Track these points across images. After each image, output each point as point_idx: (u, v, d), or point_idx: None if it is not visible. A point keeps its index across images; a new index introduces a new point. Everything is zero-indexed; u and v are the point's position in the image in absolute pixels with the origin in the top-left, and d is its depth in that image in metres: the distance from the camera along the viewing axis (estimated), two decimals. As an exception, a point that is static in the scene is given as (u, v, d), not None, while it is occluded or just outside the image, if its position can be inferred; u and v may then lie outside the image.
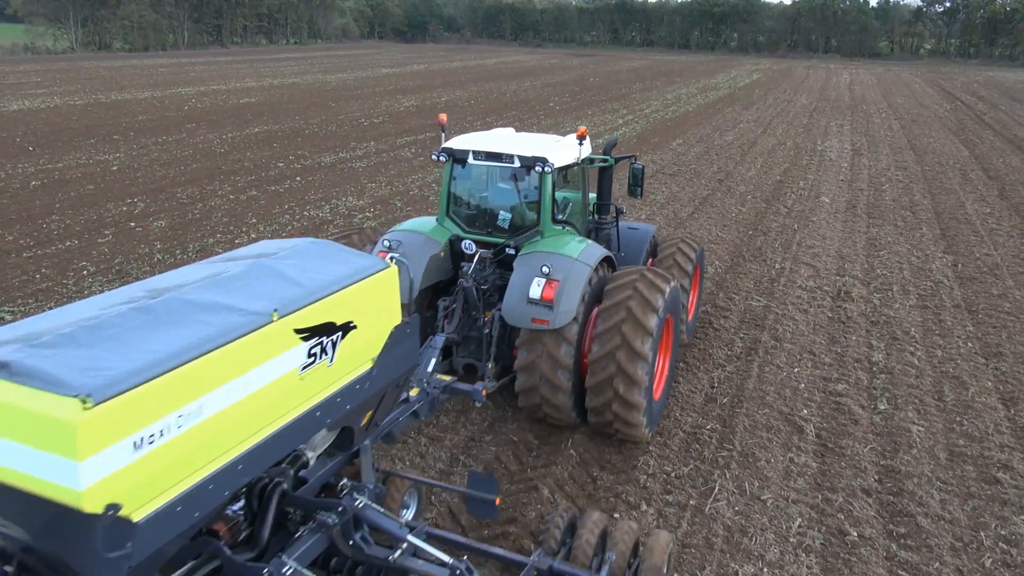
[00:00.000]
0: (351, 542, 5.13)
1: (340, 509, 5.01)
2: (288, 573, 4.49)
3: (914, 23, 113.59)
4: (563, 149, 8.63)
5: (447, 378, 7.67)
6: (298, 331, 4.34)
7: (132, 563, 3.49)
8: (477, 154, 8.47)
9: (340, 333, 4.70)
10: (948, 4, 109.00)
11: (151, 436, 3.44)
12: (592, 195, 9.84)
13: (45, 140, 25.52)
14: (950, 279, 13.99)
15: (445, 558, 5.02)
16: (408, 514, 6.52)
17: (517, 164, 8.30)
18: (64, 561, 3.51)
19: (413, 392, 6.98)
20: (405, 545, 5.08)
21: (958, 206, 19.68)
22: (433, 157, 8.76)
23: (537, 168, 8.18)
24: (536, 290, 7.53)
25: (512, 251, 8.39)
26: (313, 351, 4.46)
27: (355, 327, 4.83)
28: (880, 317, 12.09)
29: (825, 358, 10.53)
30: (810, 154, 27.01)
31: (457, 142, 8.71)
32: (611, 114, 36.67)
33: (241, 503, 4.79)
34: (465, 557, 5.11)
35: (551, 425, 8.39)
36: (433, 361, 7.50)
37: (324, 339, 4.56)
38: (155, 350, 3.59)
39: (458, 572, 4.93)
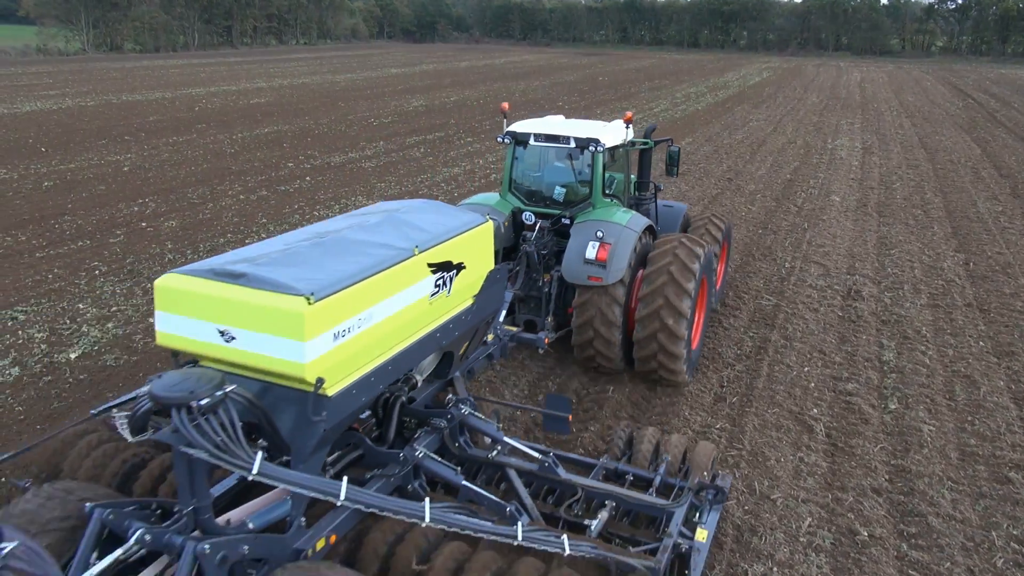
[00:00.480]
0: (457, 443, 6.40)
1: (449, 416, 6.29)
2: (419, 455, 5.85)
3: (925, 20, 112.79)
4: (612, 132, 9.76)
5: (514, 328, 9.08)
6: (430, 265, 5.61)
7: (326, 427, 4.71)
8: (538, 136, 9.66)
9: (455, 271, 5.98)
10: (960, 1, 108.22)
11: (343, 331, 4.70)
12: (632, 175, 10.96)
13: (57, 141, 25.71)
14: (962, 278, 13.90)
15: (536, 454, 6.33)
16: None
17: (573, 145, 9.42)
18: (279, 423, 4.66)
19: (489, 337, 8.15)
20: (500, 447, 6.38)
21: (970, 204, 19.55)
22: (498, 140, 10.01)
23: (590, 148, 9.29)
24: (592, 251, 8.71)
25: (567, 221, 9.54)
26: (438, 283, 5.75)
27: (464, 267, 6.11)
28: (891, 316, 12.03)
29: (835, 357, 10.49)
30: (820, 152, 26.88)
31: (519, 126, 9.90)
32: (620, 113, 36.61)
33: (367, 412, 5.93)
34: (551, 454, 6.29)
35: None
36: (503, 314, 8.73)
37: (445, 275, 5.84)
38: (340, 270, 4.81)
39: (547, 464, 6.19)
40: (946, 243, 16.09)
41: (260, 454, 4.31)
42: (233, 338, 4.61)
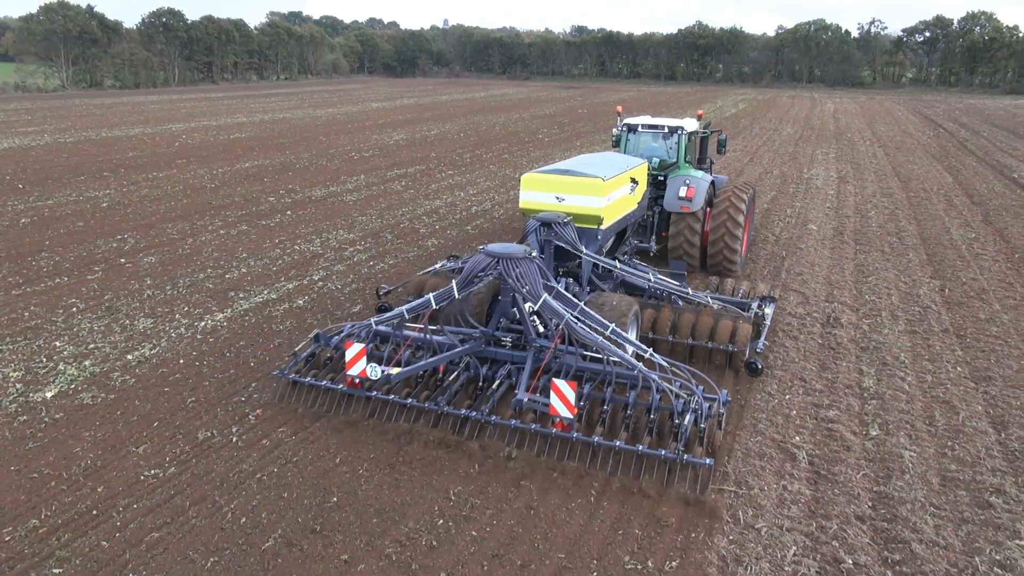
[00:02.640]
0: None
1: (618, 266, 11.85)
2: (618, 265, 11.69)
3: (895, 52, 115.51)
4: (689, 123, 15.91)
5: (634, 241, 14.74)
6: (630, 178, 12.38)
7: (598, 245, 11.49)
8: (643, 126, 15.93)
9: (635, 184, 12.57)
10: (928, 34, 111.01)
11: (609, 198, 11.32)
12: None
13: (35, 178, 25.55)
14: (938, 304, 14.08)
15: (675, 284, 11.96)
16: None
17: (666, 130, 15.70)
18: (577, 241, 10.64)
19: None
20: (654, 280, 11.83)
21: (943, 231, 19.88)
22: (615, 131, 16.28)
23: (678, 132, 15.53)
24: (683, 192, 14.59)
25: (661, 178, 15.26)
26: (631, 188, 12.40)
27: (638, 183, 12.72)
28: (870, 343, 12.14)
29: (816, 384, 10.55)
30: (796, 182, 27.29)
31: (629, 120, 16.15)
32: (600, 145, 37.02)
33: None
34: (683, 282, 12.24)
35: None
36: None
37: (632, 185, 12.44)
38: (606, 171, 11.55)
39: (682, 287, 11.84)
40: (921, 270, 16.31)
41: (584, 247, 10.74)
42: (563, 199, 11.03)
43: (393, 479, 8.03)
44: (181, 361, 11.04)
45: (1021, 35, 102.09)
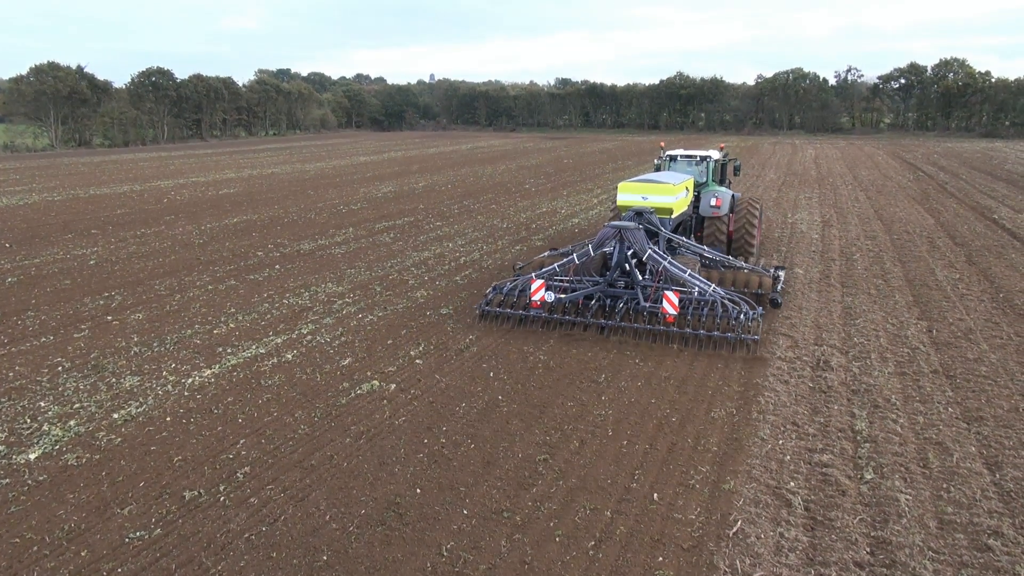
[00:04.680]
0: (685, 252, 17.99)
1: (683, 243, 17.92)
2: (684, 240, 18.07)
3: (872, 99, 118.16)
4: (715, 153, 22.25)
5: (679, 236, 18.71)
6: (686, 187, 19.17)
7: (670, 228, 17.67)
8: (681, 156, 22.19)
9: (687, 191, 19.46)
10: (903, 81, 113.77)
11: (677, 197, 17.90)
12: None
13: (22, 236, 25.51)
14: (926, 345, 14.13)
15: (719, 256, 17.91)
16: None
17: (698, 158, 21.87)
18: (659, 224, 17.15)
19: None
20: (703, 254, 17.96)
21: (928, 273, 20.07)
22: (656, 160, 22.79)
23: (708, 159, 21.71)
24: (714, 201, 19.83)
25: (696, 194, 20.52)
26: (687, 192, 19.32)
27: (689, 190, 19.63)
28: (860, 385, 12.14)
29: (808, 429, 10.51)
30: (781, 227, 27.60)
31: (669, 152, 22.62)
32: (585, 194, 37.45)
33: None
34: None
35: None
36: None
37: (687, 191, 19.42)
38: (673, 180, 18.56)
39: (724, 258, 17.85)
40: (908, 311, 16.41)
41: (663, 228, 17.32)
42: (647, 198, 17.33)
43: (384, 535, 7.90)
44: (168, 419, 10.90)
45: (993, 80, 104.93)
